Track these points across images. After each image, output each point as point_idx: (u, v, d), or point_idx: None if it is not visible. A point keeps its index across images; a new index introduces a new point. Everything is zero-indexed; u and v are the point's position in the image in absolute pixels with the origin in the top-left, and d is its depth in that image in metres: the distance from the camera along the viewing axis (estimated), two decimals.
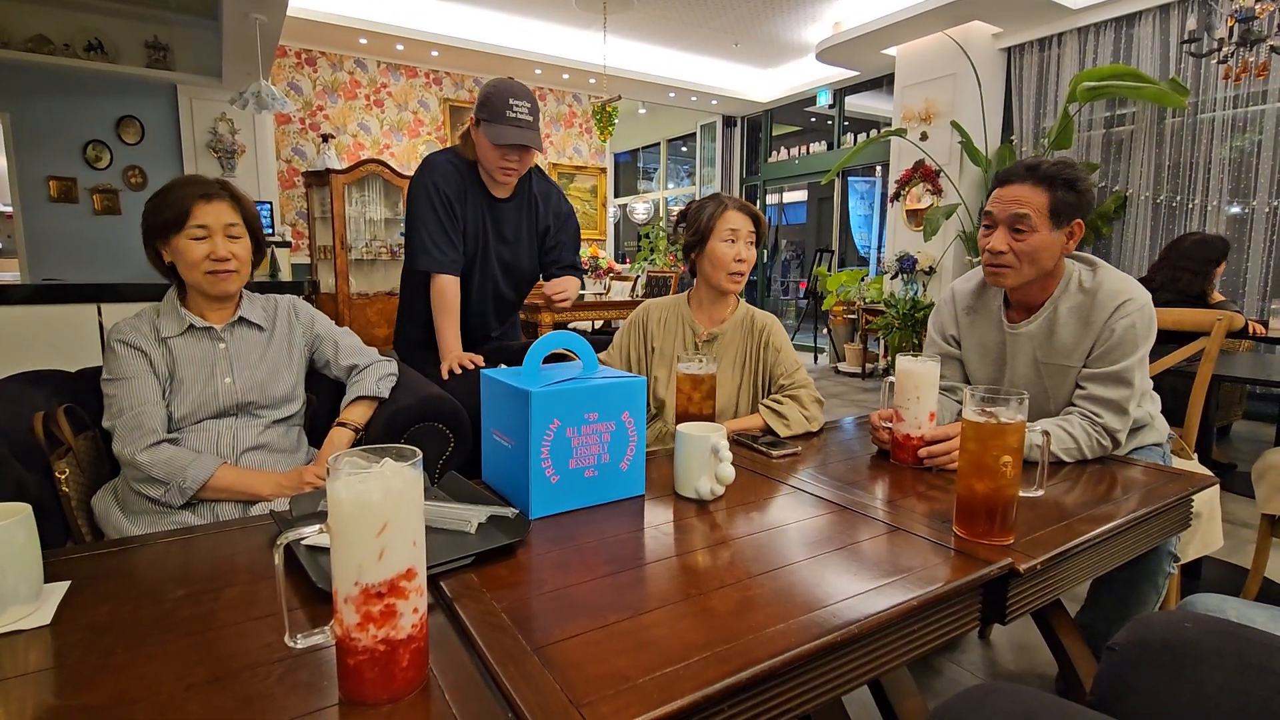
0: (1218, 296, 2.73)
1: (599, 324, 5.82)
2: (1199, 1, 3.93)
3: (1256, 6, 3.01)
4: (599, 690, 0.59)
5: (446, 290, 1.81)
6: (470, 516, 0.91)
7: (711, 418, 1.33)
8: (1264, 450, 1.74)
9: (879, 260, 6.53)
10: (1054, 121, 4.50)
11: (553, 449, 0.98)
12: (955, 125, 4.83)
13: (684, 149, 9.98)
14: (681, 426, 1.09)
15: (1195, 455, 1.65)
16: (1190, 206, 4.17)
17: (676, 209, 10.21)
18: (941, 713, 0.43)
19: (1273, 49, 3.07)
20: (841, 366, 5.99)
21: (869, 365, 5.66)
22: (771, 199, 9.17)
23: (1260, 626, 0.84)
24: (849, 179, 7.66)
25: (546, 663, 0.63)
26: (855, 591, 0.78)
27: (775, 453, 1.31)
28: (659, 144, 10.03)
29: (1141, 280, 2.96)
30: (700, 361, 1.33)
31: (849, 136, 6.91)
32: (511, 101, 1.68)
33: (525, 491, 0.98)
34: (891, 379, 1.30)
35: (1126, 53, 4.42)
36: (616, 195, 11.00)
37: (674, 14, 5.78)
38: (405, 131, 6.77)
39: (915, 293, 5.31)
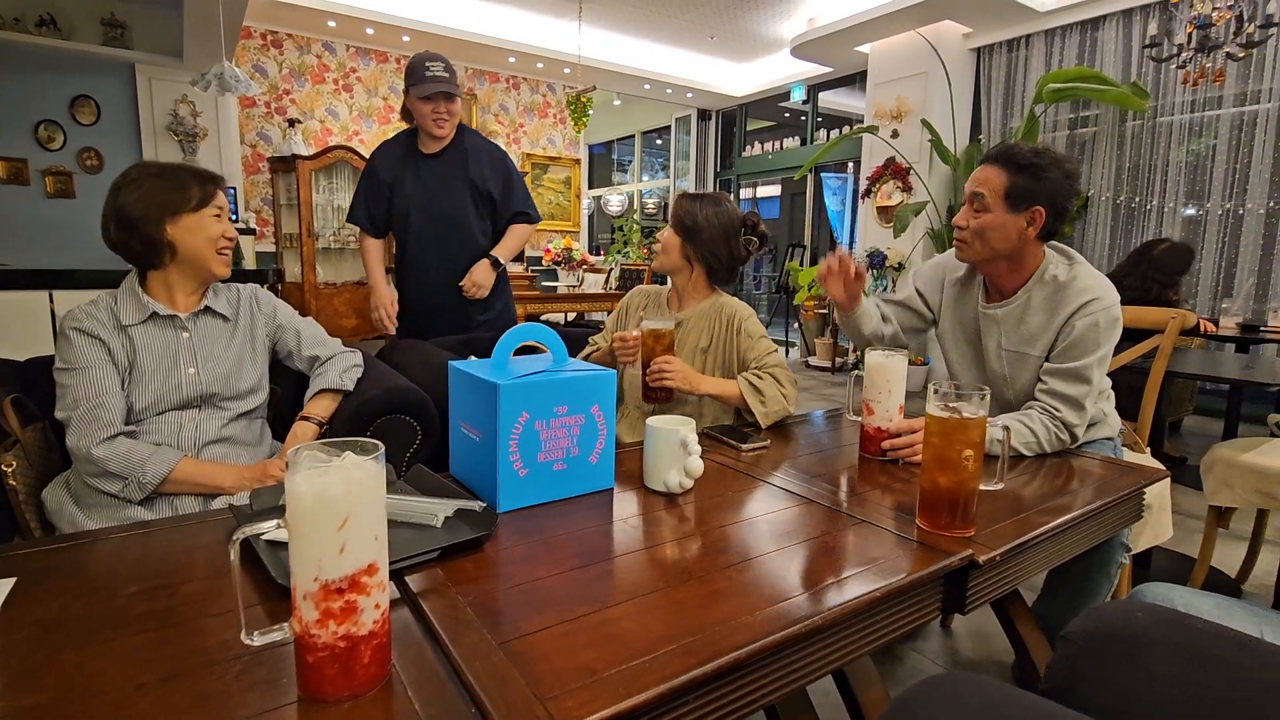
0: (1173, 296, 2.82)
1: (572, 316, 5.80)
2: (1160, 7, 4.04)
3: (1214, 14, 3.10)
4: (564, 684, 0.58)
5: (369, 247, 2.23)
6: (436, 510, 0.90)
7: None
8: (1213, 444, 1.81)
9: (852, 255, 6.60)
10: (1020, 121, 4.59)
11: (521, 442, 0.97)
12: (925, 124, 4.90)
13: (659, 141, 9.96)
14: (651, 420, 1.09)
15: (1148, 449, 1.71)
16: (1149, 208, 4.30)
17: (651, 202, 10.21)
18: (901, 703, 0.44)
19: (1229, 56, 3.18)
20: (812, 360, 6.06)
21: (839, 359, 5.74)
22: (745, 193, 9.20)
23: (1206, 614, 0.87)
24: (822, 175, 7.72)
25: (512, 657, 0.62)
26: (820, 584, 0.79)
27: (745, 446, 1.32)
28: (634, 136, 9.99)
29: (1108, 279, 3.05)
30: (662, 320, 1.42)
31: (822, 132, 6.96)
32: (427, 63, 2.00)
33: (493, 485, 0.97)
34: (859, 373, 1.32)
35: (1091, 55, 4.53)
36: (591, 187, 10.94)
37: (650, 5, 5.75)
38: (375, 118, 6.63)
39: (885, 288, 5.39)
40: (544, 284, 6.12)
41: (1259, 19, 3.06)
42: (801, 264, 7.10)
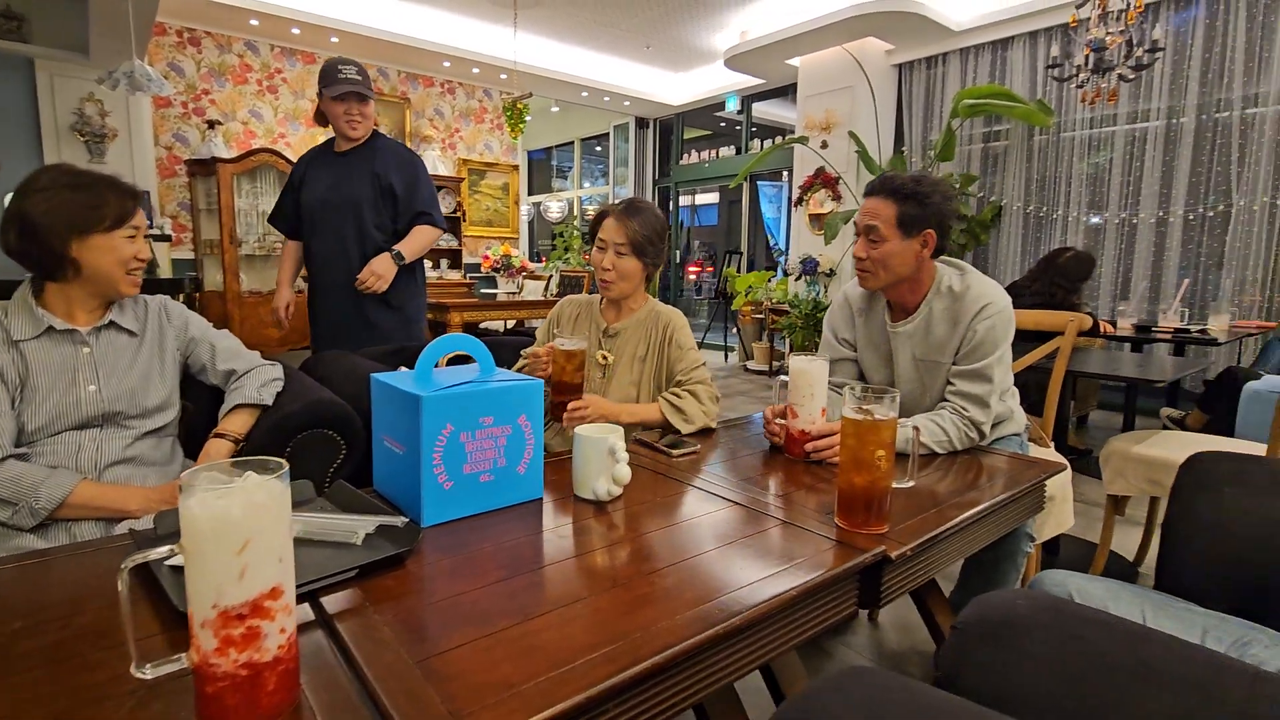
0: (1076, 301, 3.02)
1: (511, 324, 5.74)
2: (1062, 30, 4.34)
3: (1107, 38, 3.35)
4: (482, 699, 0.58)
5: (285, 250, 2.33)
6: (357, 527, 0.88)
7: (580, 386, 1.40)
8: (1113, 437, 1.95)
9: (786, 262, 6.79)
10: (939, 135, 4.84)
11: (446, 454, 0.96)
12: (853, 135, 5.10)
13: (598, 148, 9.99)
14: (579, 429, 1.09)
15: (1052, 444, 1.83)
16: (1055, 217, 4.60)
17: (591, 208, 10.22)
18: (804, 697, 0.46)
19: (1121, 77, 3.44)
20: (750, 364, 6.18)
21: (776, 363, 5.88)
22: (684, 200, 9.33)
23: (1096, 597, 0.94)
24: (758, 183, 7.92)
25: (430, 674, 0.62)
26: (741, 584, 0.81)
27: (676, 452, 1.34)
28: (573, 143, 9.99)
29: (1016, 285, 3.26)
30: (572, 339, 1.40)
31: (757, 142, 7.14)
32: (340, 66, 2.07)
33: (417, 499, 0.96)
34: (784, 378, 1.37)
35: (1002, 74, 4.82)
36: (530, 193, 10.87)
37: (586, 14, 5.78)
38: (302, 121, 6.40)
39: (817, 294, 5.56)
40: (483, 291, 6.04)
41: (1146, 44, 3.33)
42: (739, 271, 7.24)
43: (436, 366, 1.10)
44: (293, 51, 6.24)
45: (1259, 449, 1.70)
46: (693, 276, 10.10)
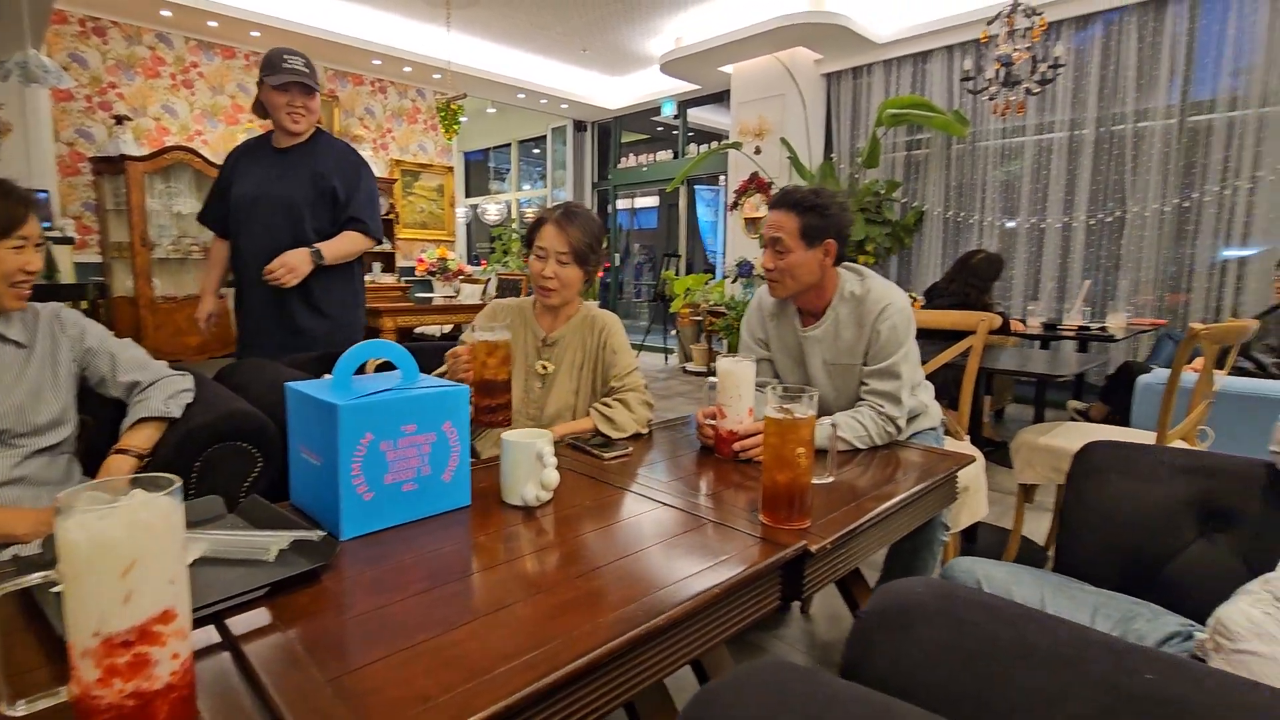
0: (989, 300, 3.20)
1: (448, 329, 5.62)
2: (975, 46, 4.58)
3: (1015, 54, 3.57)
4: (397, 715, 0.57)
5: (213, 251, 2.18)
6: (269, 543, 0.84)
7: (508, 383, 1.32)
8: (1022, 429, 2.08)
9: (723, 265, 6.91)
10: (865, 142, 5.03)
11: (365, 464, 0.93)
12: (784, 142, 5.24)
13: (536, 151, 9.91)
14: (507, 434, 1.08)
15: (967, 437, 1.92)
16: (972, 222, 4.85)
17: (530, 211, 10.12)
18: (706, 695, 0.47)
19: (1027, 90, 3.66)
20: (689, 366, 6.26)
21: (714, 365, 5.97)
22: (624, 204, 9.36)
23: (1000, 581, 0.99)
24: (696, 187, 8.02)
25: (342, 692, 0.60)
26: (666, 584, 0.82)
27: (607, 455, 1.35)
28: (510, 145, 9.88)
29: (936, 287, 3.42)
30: (493, 330, 1.32)
31: (693, 146, 7.24)
32: (285, 55, 1.94)
33: (335, 511, 0.92)
34: (714, 379, 1.39)
35: (922, 85, 5.05)
36: (468, 195, 10.68)
37: (521, 15, 5.73)
38: (221, 118, 6.09)
39: (753, 296, 5.68)
40: (418, 295, 5.89)
41: (1049, 60, 3.55)
42: (677, 273, 7.31)
43: (364, 373, 1.07)
44: (210, 45, 5.93)
45: (1150, 437, 1.84)
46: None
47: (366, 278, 6.34)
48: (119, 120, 5.38)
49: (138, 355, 1.32)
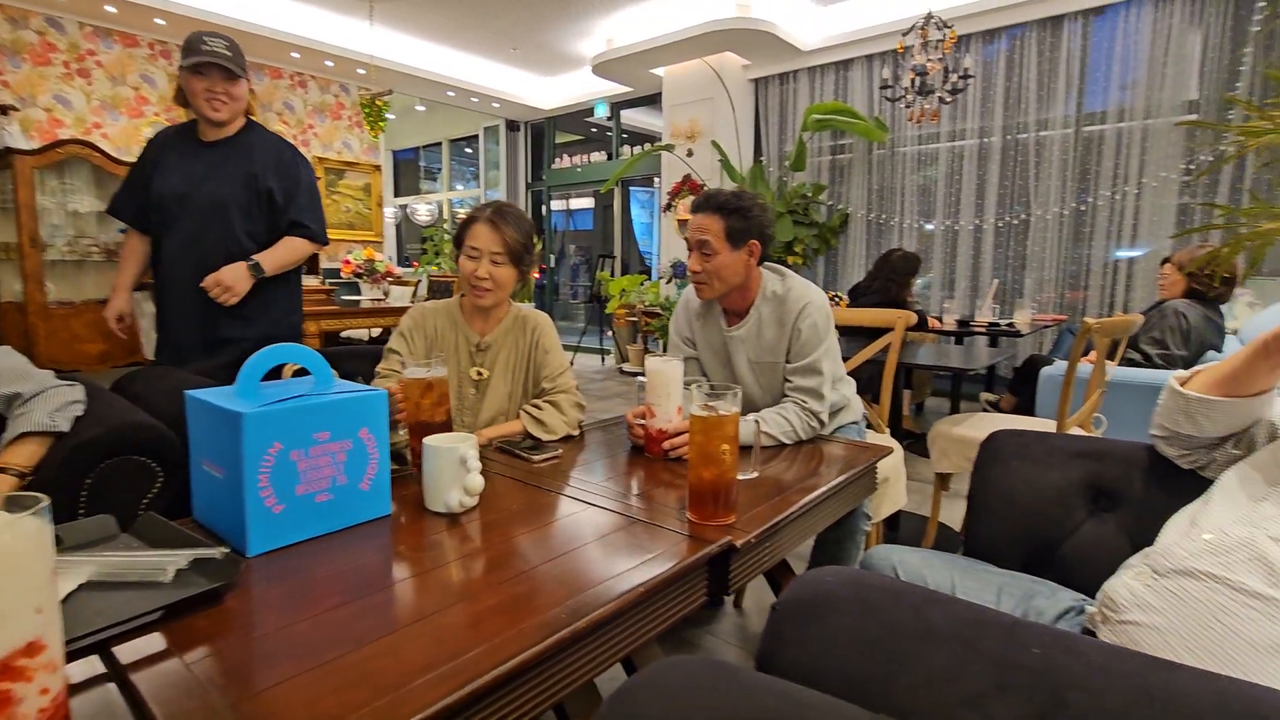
0: (908, 297, 3.36)
1: (377, 332, 5.42)
2: (892, 56, 4.79)
3: (928, 64, 3.75)
4: None
5: (128, 246, 1.99)
6: (165, 564, 0.79)
7: (447, 424, 1.28)
8: (938, 421, 2.18)
9: (658, 266, 6.96)
10: (793, 146, 5.17)
11: (274, 476, 0.89)
12: (715, 145, 5.33)
13: (468, 150, 9.71)
14: (428, 439, 1.05)
15: (888, 429, 2.01)
16: (893, 224, 5.07)
17: (462, 211, 9.91)
18: (618, 695, 0.46)
19: (940, 99, 3.85)
20: (625, 367, 6.27)
21: None
22: (558, 205, 9.30)
23: (914, 567, 1.04)
24: (630, 188, 8.05)
25: (243, 719, 0.56)
26: (590, 585, 0.82)
27: (536, 457, 1.33)
28: (441, 143, 9.64)
29: (859, 285, 3.55)
30: (428, 367, 1.27)
31: (627, 148, 7.26)
32: (205, 37, 1.78)
33: (241, 526, 0.87)
34: (643, 379, 1.40)
35: (844, 92, 5.24)
36: (397, 195, 10.36)
37: (449, 12, 5.60)
38: (124, 109, 5.68)
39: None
40: (344, 298, 5.66)
41: (960, 71, 3.75)
42: (612, 274, 7.32)
43: (281, 379, 1.01)
44: (108, 32, 5.53)
45: (1052, 425, 1.97)
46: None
47: None
48: (3, 110, 4.94)
49: (17, 365, 1.21)
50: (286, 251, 1.90)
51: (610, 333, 6.69)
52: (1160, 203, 4.00)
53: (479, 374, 1.53)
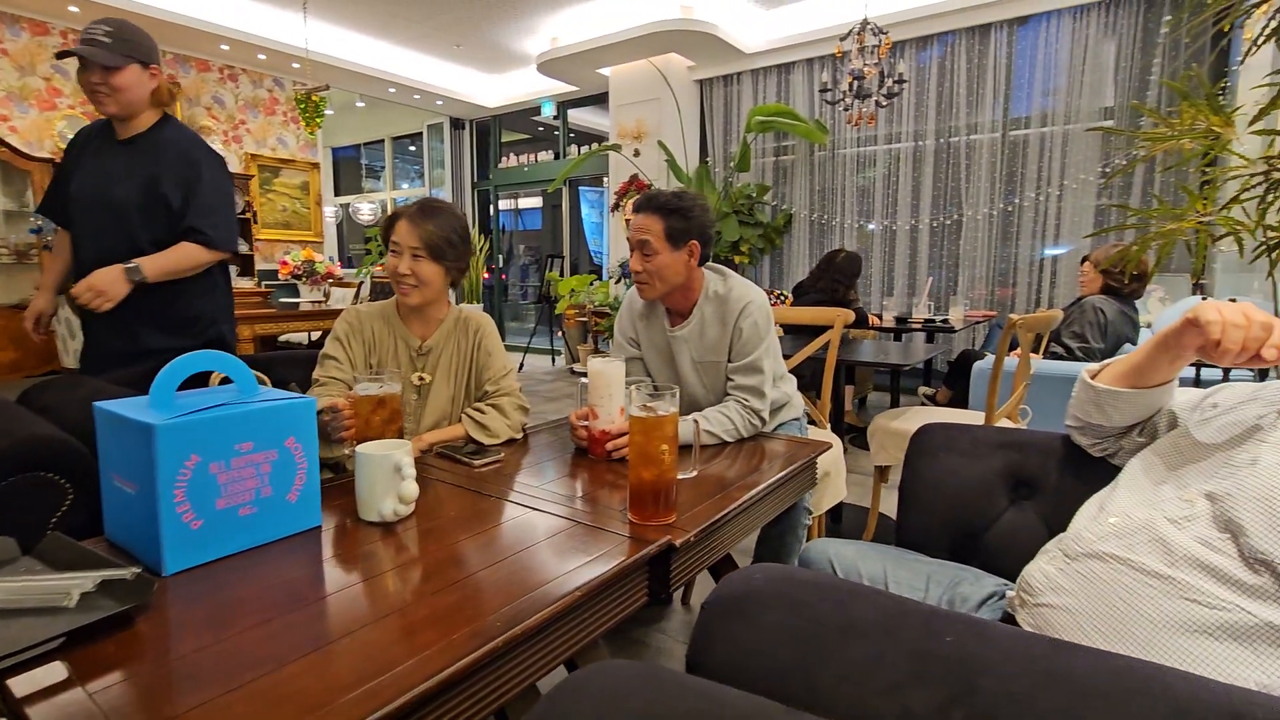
0: (851, 296, 3.45)
1: (317, 335, 5.24)
2: (831, 60, 4.91)
3: (865, 69, 3.86)
4: None
5: (54, 245, 1.93)
6: (69, 587, 0.74)
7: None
8: (878, 415, 2.25)
9: (608, 265, 6.96)
10: (738, 147, 5.25)
11: (191, 490, 0.84)
12: (662, 145, 5.35)
13: (412, 148, 9.49)
14: (361, 447, 1.02)
15: (829, 425, 2.06)
16: (835, 224, 5.20)
17: None
18: (546, 701, 0.46)
19: (877, 103, 3.97)
20: (576, 367, 6.24)
21: None
22: (506, 204, 9.18)
23: (848, 559, 1.06)
24: (580, 188, 8.01)
25: None
26: (527, 591, 0.81)
27: (478, 462, 1.31)
28: (384, 141, 9.39)
29: (803, 284, 3.63)
30: (380, 383, 1.23)
31: (574, 147, 7.23)
32: (91, 25, 1.68)
33: (156, 544, 0.83)
34: (585, 380, 1.39)
35: (787, 95, 5.34)
36: (338, 193, 10.04)
37: (386, 6, 5.45)
38: (34, 101, 5.33)
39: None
40: (282, 301, 5.45)
41: (895, 76, 3.87)
42: (561, 274, 7.28)
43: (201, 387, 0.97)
44: (15, 19, 5.17)
45: (982, 417, 2.05)
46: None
47: None
48: None
49: None
50: (177, 257, 1.74)
51: (560, 333, 6.65)
52: (1080, 204, 4.23)
53: (421, 379, 1.50)
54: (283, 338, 4.83)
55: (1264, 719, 0.40)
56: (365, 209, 9.48)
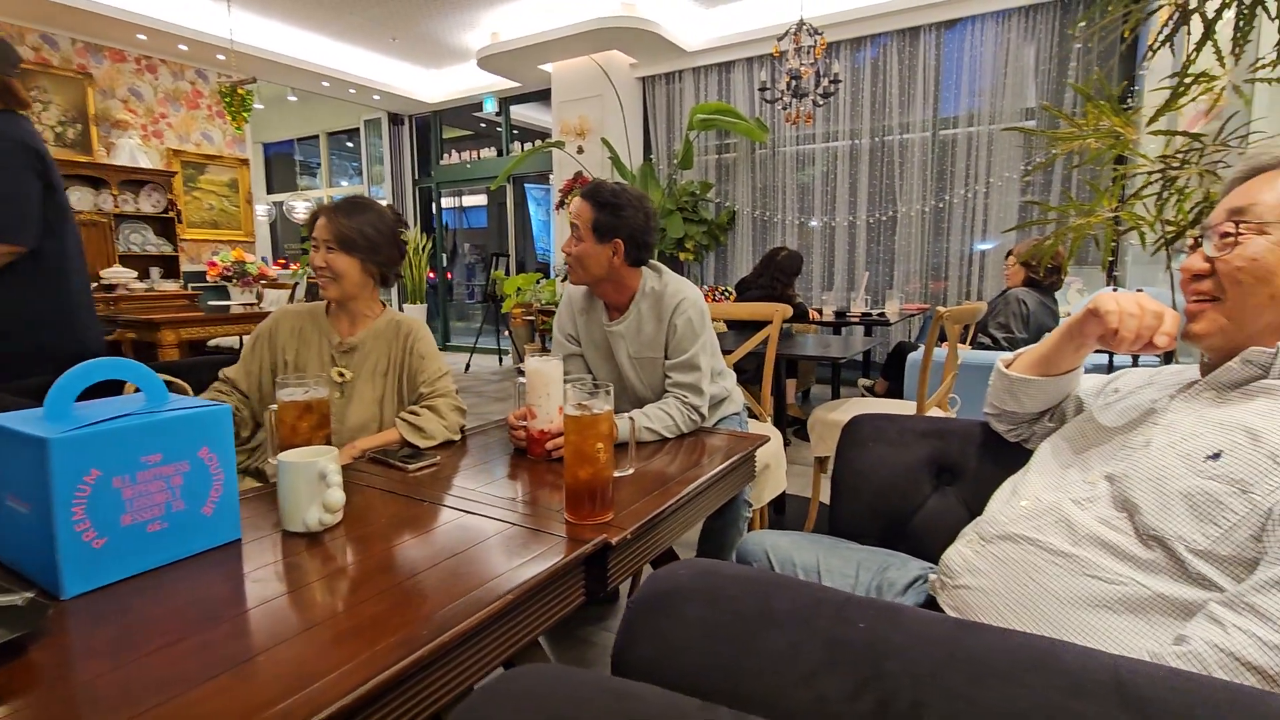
0: (792, 293, 3.52)
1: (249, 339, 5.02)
2: (770, 59, 5.00)
3: (802, 69, 3.94)
4: None
5: None
6: None
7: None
8: (817, 407, 2.30)
9: (555, 263, 6.90)
10: (680, 144, 5.28)
11: (92, 506, 0.79)
12: (605, 142, 5.34)
13: (349, 144, 9.19)
14: (284, 455, 0.98)
15: (769, 417, 2.09)
16: (777, 221, 5.30)
17: None
18: (464, 709, 0.45)
19: (814, 102, 4.06)
20: (524, 366, 6.18)
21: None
22: (450, 202, 9.00)
23: (783, 549, 1.08)
24: (526, 186, 7.91)
25: None
26: (458, 597, 0.79)
27: (412, 466, 1.28)
28: (319, 136, 9.06)
29: (746, 280, 3.68)
30: (305, 388, 1.20)
31: (517, 144, 7.13)
32: None
33: (53, 566, 0.78)
34: (523, 380, 1.37)
35: (728, 93, 5.41)
36: (271, 191, 9.65)
37: None
38: None
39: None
40: (211, 303, 5.19)
41: (830, 76, 3.97)
42: (507, 272, 7.19)
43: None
44: None
45: (914, 407, 2.13)
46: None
47: (141, 284, 5.50)
48: None
49: None
50: None
51: (507, 332, 6.56)
52: (1005, 200, 4.43)
53: (341, 375, 1.46)
54: (212, 342, 4.61)
55: (1144, 685, 0.43)
56: (300, 207, 9.12)
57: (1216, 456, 0.68)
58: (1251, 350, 0.73)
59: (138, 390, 0.93)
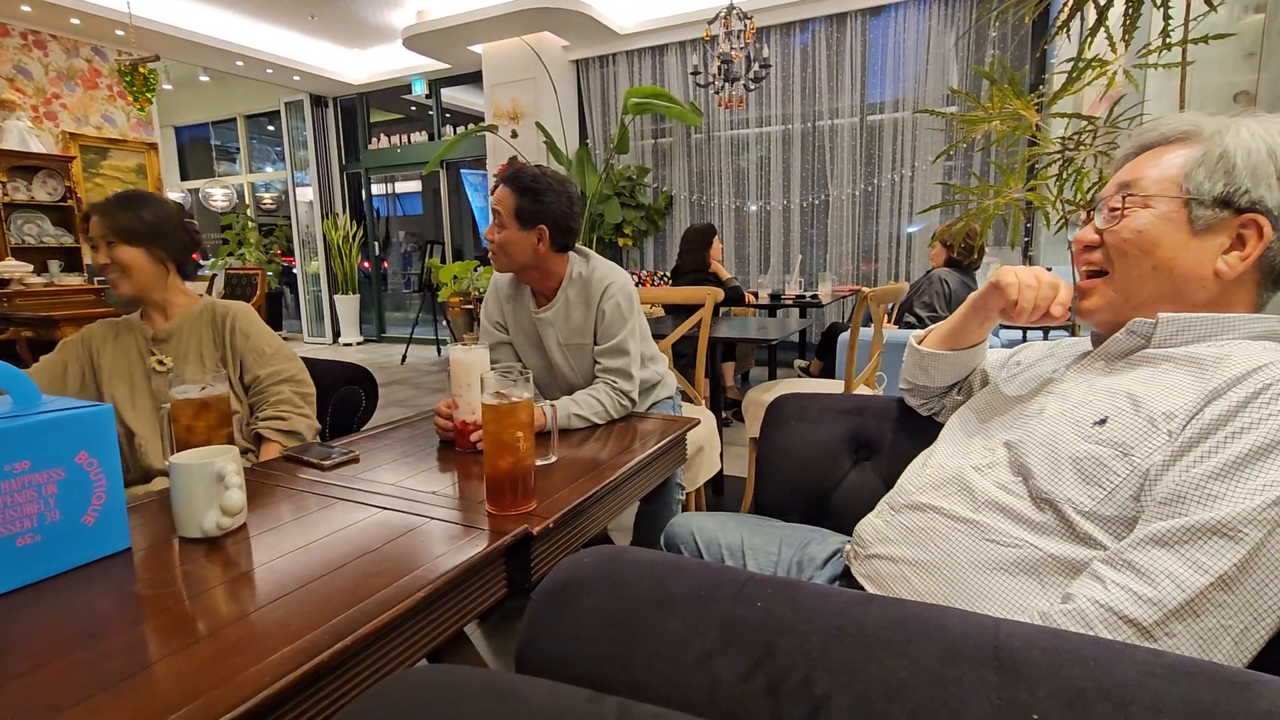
0: (726, 274, 3.55)
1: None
2: (702, 43, 4.99)
3: (732, 53, 3.95)
4: None
5: None
6: None
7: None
8: (752, 388, 2.33)
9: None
10: (616, 128, 5.23)
11: None
12: (539, 126, 5.24)
13: (270, 128, 8.72)
14: (176, 456, 0.92)
15: (704, 401, 2.11)
16: (714, 205, 5.33)
17: (269, 196, 8.91)
18: (347, 711, 0.42)
19: (745, 87, 4.08)
20: (448, 356, 6.05)
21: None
22: (382, 189, 8.67)
23: (709, 531, 1.08)
24: (462, 171, 7.69)
25: None
26: (365, 597, 0.76)
27: (328, 463, 1.22)
28: (236, 120, 8.56)
29: (680, 266, 3.69)
30: (202, 384, 1.13)
31: (449, 128, 6.92)
32: None
33: None
34: (449, 371, 1.33)
35: (661, 77, 5.38)
36: (185, 178, 9.09)
37: None
38: None
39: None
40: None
41: (760, 60, 3.99)
42: (442, 260, 7.00)
43: None
44: None
45: (843, 385, 2.18)
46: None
47: (39, 279, 5.10)
48: None
49: None
50: None
51: (445, 322, 6.40)
52: (930, 184, 4.59)
53: (160, 364, 1.43)
54: None
55: (1020, 648, 0.44)
56: (219, 194, 8.63)
57: (1102, 422, 0.71)
58: (1135, 321, 0.77)
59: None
